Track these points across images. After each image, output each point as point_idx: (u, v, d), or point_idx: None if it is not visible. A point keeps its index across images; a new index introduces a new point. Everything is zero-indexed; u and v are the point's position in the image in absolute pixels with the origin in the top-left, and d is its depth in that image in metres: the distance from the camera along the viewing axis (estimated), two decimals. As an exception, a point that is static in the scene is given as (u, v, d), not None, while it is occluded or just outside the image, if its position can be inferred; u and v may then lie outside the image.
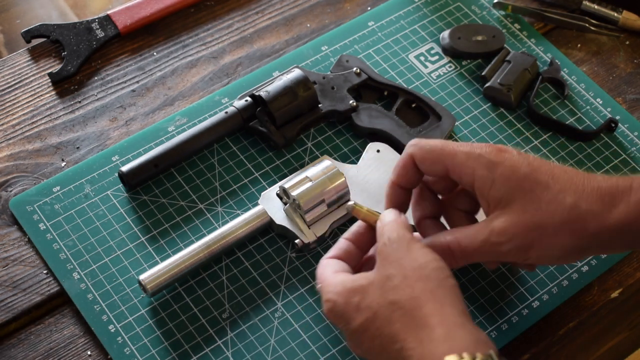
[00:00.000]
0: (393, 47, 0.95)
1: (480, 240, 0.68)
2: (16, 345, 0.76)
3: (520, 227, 0.67)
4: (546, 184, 0.67)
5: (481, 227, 0.68)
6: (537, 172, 0.68)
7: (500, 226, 0.67)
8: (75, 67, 0.92)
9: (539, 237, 0.67)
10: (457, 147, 0.70)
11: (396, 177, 0.72)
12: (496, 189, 0.68)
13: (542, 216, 0.67)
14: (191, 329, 0.76)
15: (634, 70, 0.95)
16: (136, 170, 0.83)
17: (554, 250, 0.68)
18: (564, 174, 0.68)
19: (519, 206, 0.67)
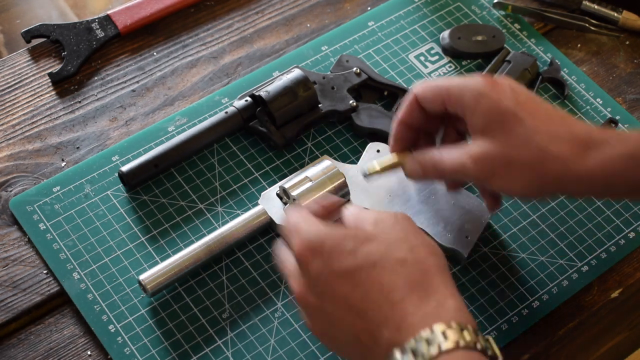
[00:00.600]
0: (393, 47, 0.95)
1: (458, 162, 0.72)
2: (16, 345, 0.76)
3: (490, 157, 0.70)
4: (523, 122, 0.70)
5: (460, 150, 0.72)
6: (519, 107, 0.71)
7: (474, 152, 0.71)
8: (75, 67, 0.92)
9: (504, 169, 0.70)
10: (453, 80, 0.74)
11: (402, 114, 0.76)
12: (478, 118, 0.72)
13: (512, 151, 0.70)
14: (191, 329, 0.76)
15: (634, 70, 0.95)
16: (136, 170, 0.83)
17: (514, 184, 0.71)
18: (544, 114, 0.71)
19: (494, 137, 0.71)
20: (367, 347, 0.63)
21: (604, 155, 0.69)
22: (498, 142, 0.70)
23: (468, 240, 0.79)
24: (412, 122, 0.76)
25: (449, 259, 0.80)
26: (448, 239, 0.79)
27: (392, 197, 0.81)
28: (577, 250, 0.82)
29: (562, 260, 0.81)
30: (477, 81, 0.72)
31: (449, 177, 0.76)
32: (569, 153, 0.69)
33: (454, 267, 0.80)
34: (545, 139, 0.69)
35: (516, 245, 0.82)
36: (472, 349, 0.60)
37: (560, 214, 0.84)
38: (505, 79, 0.73)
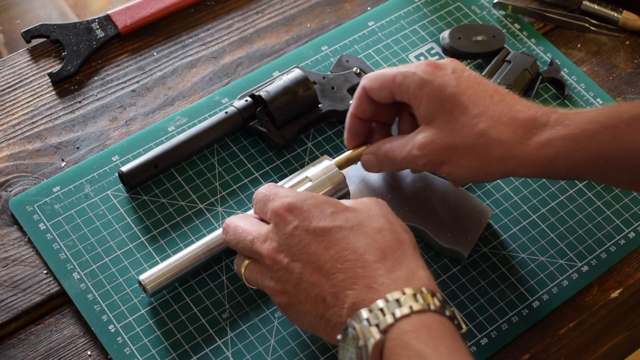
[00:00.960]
0: (393, 47, 0.95)
1: (406, 152, 0.74)
2: (16, 345, 0.76)
3: (435, 145, 0.72)
4: (465, 107, 0.72)
5: (409, 140, 0.74)
6: (461, 94, 0.72)
7: (420, 141, 0.73)
8: (75, 67, 0.92)
9: (449, 156, 0.72)
10: (398, 69, 0.75)
11: (353, 108, 0.78)
12: (422, 107, 0.73)
13: (454, 137, 0.72)
14: (191, 329, 0.76)
15: (634, 70, 0.95)
16: (136, 170, 0.83)
17: (461, 170, 0.72)
18: (487, 100, 0.72)
19: (438, 125, 0.72)
20: (329, 308, 0.64)
21: (545, 137, 0.70)
22: (441, 129, 0.72)
23: (468, 240, 0.79)
24: (364, 115, 0.78)
25: (449, 259, 0.80)
26: (448, 239, 0.79)
27: (391, 197, 0.81)
28: (577, 250, 0.82)
29: (562, 260, 0.81)
30: (420, 68, 0.74)
31: (401, 167, 0.77)
32: (510, 137, 0.70)
33: (454, 267, 0.80)
34: (485, 123, 0.71)
35: (516, 245, 0.82)
36: (441, 314, 0.61)
37: (560, 214, 0.84)
38: (449, 61, 0.75)
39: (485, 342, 0.76)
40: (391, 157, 0.76)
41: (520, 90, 0.91)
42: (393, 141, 0.76)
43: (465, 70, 0.74)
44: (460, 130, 0.71)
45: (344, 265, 0.64)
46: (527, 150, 0.70)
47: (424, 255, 0.81)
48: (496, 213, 0.83)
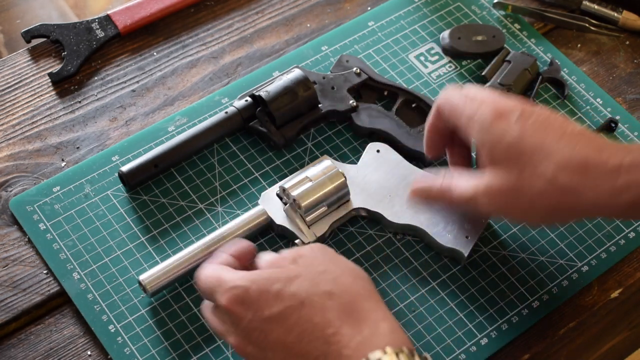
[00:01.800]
0: (393, 47, 0.95)
1: (469, 195, 0.72)
2: (16, 345, 0.76)
3: (501, 191, 0.70)
4: (530, 154, 0.69)
5: (472, 183, 0.72)
6: (526, 141, 0.70)
7: (485, 187, 0.71)
8: (75, 67, 0.92)
9: (517, 203, 0.70)
10: (464, 107, 0.73)
11: (429, 120, 0.78)
12: (486, 152, 0.71)
13: (522, 184, 0.69)
14: (191, 329, 0.76)
15: (634, 70, 0.95)
16: (136, 170, 0.83)
17: (528, 216, 0.71)
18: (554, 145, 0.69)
19: (503, 172, 0.70)
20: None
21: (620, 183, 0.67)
22: (507, 177, 0.70)
23: (468, 240, 0.79)
24: (440, 129, 0.77)
25: (449, 259, 0.80)
26: (448, 239, 0.79)
27: (392, 197, 0.81)
28: (577, 250, 0.82)
29: (562, 260, 0.81)
30: (482, 115, 0.71)
31: (460, 209, 0.76)
32: (580, 184, 0.68)
33: (454, 267, 0.80)
34: (553, 170, 0.68)
35: (516, 245, 0.82)
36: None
37: (560, 214, 0.84)
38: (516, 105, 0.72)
39: (485, 342, 0.76)
40: (448, 196, 0.74)
41: (520, 90, 0.91)
42: (453, 179, 0.74)
43: (533, 114, 0.71)
44: (527, 177, 0.69)
45: (310, 343, 0.62)
46: (603, 196, 0.67)
47: (424, 255, 0.81)
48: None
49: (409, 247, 0.81)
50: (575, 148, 0.69)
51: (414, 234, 0.81)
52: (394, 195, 0.81)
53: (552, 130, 0.70)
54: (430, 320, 0.77)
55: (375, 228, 0.82)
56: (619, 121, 0.91)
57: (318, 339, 0.62)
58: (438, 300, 0.78)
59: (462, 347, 0.76)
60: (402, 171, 0.83)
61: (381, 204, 0.81)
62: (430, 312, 0.78)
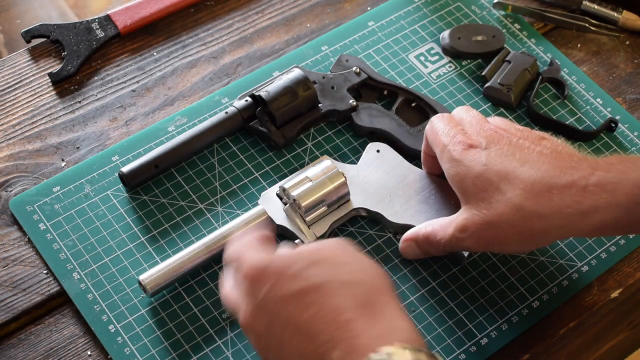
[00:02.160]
0: (393, 47, 0.95)
1: (449, 235, 0.72)
2: (16, 345, 0.76)
3: (476, 225, 0.70)
4: (497, 184, 0.70)
5: (450, 222, 0.73)
6: (490, 171, 0.70)
7: (461, 223, 0.71)
8: (75, 67, 0.92)
9: (493, 235, 0.70)
10: (442, 136, 0.74)
11: (422, 145, 0.80)
12: (456, 186, 0.73)
13: (493, 215, 0.70)
14: (191, 329, 0.76)
15: (634, 70, 0.95)
16: (136, 170, 0.83)
17: (509, 246, 0.72)
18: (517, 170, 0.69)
19: (474, 204, 0.71)
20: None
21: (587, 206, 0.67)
22: (478, 209, 0.70)
23: (468, 240, 0.79)
24: (431, 152, 0.78)
25: (449, 259, 0.80)
26: (448, 239, 0.79)
27: (391, 197, 0.81)
28: (577, 250, 0.82)
29: (562, 260, 0.81)
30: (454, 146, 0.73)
31: (446, 250, 0.76)
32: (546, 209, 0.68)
33: (454, 267, 0.80)
34: (519, 197, 0.68)
35: (516, 245, 0.82)
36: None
37: (560, 214, 0.84)
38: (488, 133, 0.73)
39: (485, 342, 0.76)
40: (433, 241, 0.74)
41: (520, 90, 0.91)
42: (432, 223, 0.75)
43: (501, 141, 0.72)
44: (496, 207, 0.69)
45: (322, 326, 0.61)
46: (571, 220, 0.68)
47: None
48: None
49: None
50: (540, 171, 0.69)
51: (414, 234, 0.82)
52: (394, 195, 0.81)
53: (518, 155, 0.70)
54: (430, 320, 0.77)
55: (375, 228, 0.82)
56: (619, 121, 0.91)
57: (330, 323, 0.61)
58: (438, 300, 0.78)
59: (462, 347, 0.76)
60: (402, 171, 0.83)
61: (381, 204, 0.81)
62: (430, 312, 0.78)
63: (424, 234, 0.76)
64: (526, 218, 0.68)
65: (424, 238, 0.76)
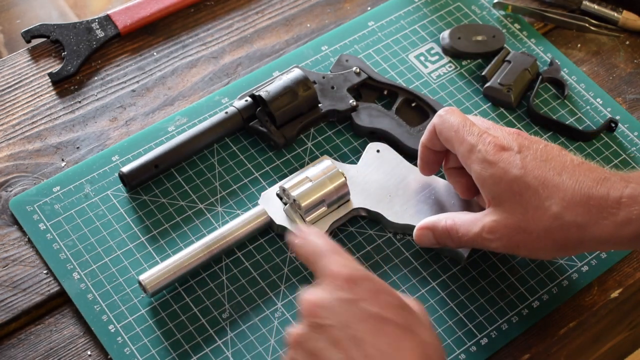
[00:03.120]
0: (393, 47, 0.95)
1: (474, 233, 0.72)
2: (16, 345, 0.76)
3: (507, 229, 0.70)
4: (535, 189, 0.69)
5: (476, 220, 0.72)
6: (529, 176, 0.70)
7: (489, 225, 0.71)
8: (75, 67, 0.92)
9: (524, 240, 0.70)
10: (466, 134, 0.73)
11: (424, 139, 0.78)
12: (488, 188, 0.71)
13: (528, 221, 0.69)
14: (191, 329, 0.76)
15: (634, 70, 0.95)
16: (136, 170, 0.83)
17: (539, 252, 0.71)
18: (556, 179, 0.69)
19: (508, 208, 0.70)
20: None
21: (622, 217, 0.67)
22: (512, 212, 0.70)
23: (468, 240, 0.79)
24: (435, 147, 0.77)
25: (449, 259, 0.80)
26: (448, 239, 0.79)
27: (392, 197, 0.81)
28: (577, 250, 0.82)
29: (562, 260, 0.81)
30: (485, 147, 0.71)
31: (466, 246, 0.76)
32: (585, 218, 0.68)
33: (454, 267, 0.80)
34: (558, 206, 0.69)
35: (516, 245, 0.82)
36: None
37: (560, 214, 0.84)
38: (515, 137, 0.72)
39: (485, 342, 0.76)
40: (454, 236, 0.74)
41: (520, 90, 0.91)
42: (455, 218, 0.74)
43: (532, 147, 0.72)
44: (532, 213, 0.69)
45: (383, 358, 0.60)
46: (607, 230, 0.68)
47: (424, 255, 0.81)
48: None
49: (409, 247, 0.81)
50: (578, 181, 0.69)
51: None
52: (394, 195, 0.81)
53: (553, 163, 0.70)
54: (430, 320, 0.77)
55: (375, 228, 0.82)
56: (619, 121, 0.91)
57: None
58: (438, 300, 0.78)
59: (462, 347, 0.76)
60: (402, 171, 0.83)
61: (381, 204, 0.81)
62: (430, 312, 0.78)
63: (444, 227, 0.75)
64: (564, 227, 0.69)
65: (443, 230, 0.75)
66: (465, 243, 0.74)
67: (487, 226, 0.71)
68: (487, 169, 0.71)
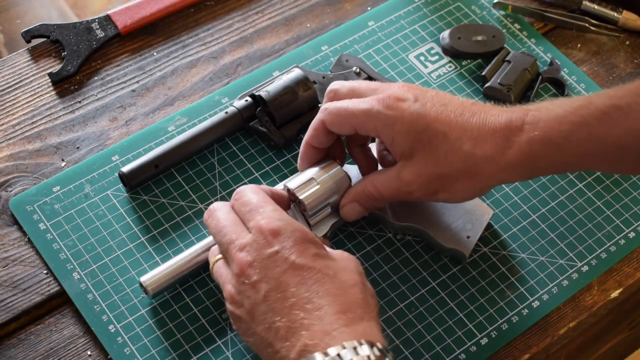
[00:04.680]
0: (393, 47, 0.95)
1: (394, 188, 0.74)
2: (16, 345, 0.76)
3: (424, 177, 0.72)
4: (443, 134, 0.71)
5: (393, 176, 0.74)
6: (435, 122, 0.72)
7: (407, 177, 0.73)
8: (75, 67, 0.92)
9: (442, 184, 0.72)
10: (357, 106, 0.74)
11: (309, 138, 0.77)
12: (398, 144, 0.73)
13: (442, 166, 0.72)
14: (191, 329, 0.76)
15: (634, 70, 0.95)
16: (136, 170, 0.83)
17: (457, 193, 0.73)
18: (459, 119, 0.72)
19: (421, 158, 0.72)
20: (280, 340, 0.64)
21: (523, 141, 0.70)
22: (426, 162, 0.72)
23: (469, 240, 0.79)
24: (320, 145, 0.77)
25: (449, 259, 0.80)
26: (449, 239, 0.79)
27: (392, 197, 0.81)
28: (577, 250, 0.82)
29: (562, 260, 0.81)
30: (382, 104, 0.72)
31: (390, 202, 0.78)
32: (493, 150, 0.71)
33: (454, 267, 0.80)
34: (469, 144, 0.71)
35: (516, 245, 0.82)
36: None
37: (560, 214, 0.84)
38: (406, 88, 0.74)
39: (485, 342, 0.76)
40: (377, 197, 0.76)
41: (520, 90, 0.91)
42: (373, 181, 0.76)
43: (427, 95, 0.73)
44: (445, 158, 0.71)
45: (309, 305, 0.64)
46: (512, 158, 0.70)
47: (424, 255, 0.81)
48: (496, 213, 0.83)
49: (409, 247, 0.81)
50: (480, 118, 0.72)
51: (415, 234, 0.81)
52: (394, 195, 0.81)
53: (453, 107, 0.72)
54: (430, 320, 0.77)
55: (375, 228, 0.82)
56: (619, 121, 0.90)
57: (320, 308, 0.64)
58: (438, 300, 0.78)
59: (462, 347, 0.76)
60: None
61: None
62: (430, 312, 0.78)
63: (368, 193, 0.76)
64: (477, 164, 0.71)
65: (368, 196, 0.76)
66: (388, 199, 0.76)
67: (405, 179, 0.73)
68: (392, 125, 0.72)
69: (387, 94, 0.73)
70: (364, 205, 0.77)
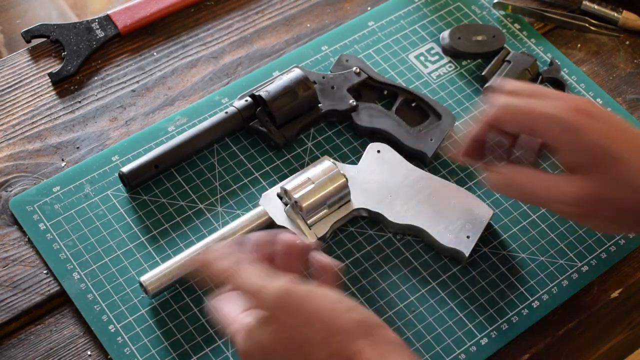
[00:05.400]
0: (393, 47, 0.95)
1: (553, 197, 0.70)
2: (16, 345, 0.76)
3: (587, 197, 0.69)
4: (619, 159, 0.68)
5: (555, 183, 0.71)
6: (614, 145, 0.68)
7: (574, 191, 0.69)
8: (75, 67, 0.92)
9: (602, 210, 0.69)
10: (541, 108, 0.71)
11: (476, 132, 0.75)
12: (576, 156, 0.70)
13: (609, 191, 0.68)
14: (191, 329, 0.76)
15: (634, 70, 0.95)
16: (136, 170, 0.83)
17: (613, 224, 0.71)
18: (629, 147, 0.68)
19: (591, 176, 0.69)
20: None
21: None
22: (594, 182, 0.69)
23: (469, 240, 0.79)
24: (485, 140, 0.76)
25: (449, 259, 0.80)
26: (449, 239, 0.79)
27: (392, 197, 0.81)
28: (577, 250, 0.82)
29: (562, 260, 0.81)
30: (565, 113, 0.70)
31: (538, 205, 0.77)
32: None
33: (454, 267, 0.80)
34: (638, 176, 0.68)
35: (516, 245, 0.82)
36: None
37: (560, 214, 0.84)
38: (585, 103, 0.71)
39: (485, 342, 0.76)
40: (530, 193, 0.72)
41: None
42: (534, 176, 0.73)
43: (613, 117, 0.71)
44: (615, 184, 0.68)
45: None
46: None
47: (424, 255, 0.81)
48: (496, 213, 0.83)
49: (409, 247, 0.81)
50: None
51: (415, 234, 0.81)
52: (395, 196, 0.81)
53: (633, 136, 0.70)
54: (430, 320, 0.77)
55: (375, 228, 0.82)
56: (619, 121, 0.90)
57: None
58: (438, 300, 0.78)
59: (462, 347, 0.76)
60: (403, 171, 0.83)
61: (382, 204, 0.81)
62: (430, 312, 0.78)
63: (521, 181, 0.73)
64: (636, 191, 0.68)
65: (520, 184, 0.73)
66: (538, 203, 0.74)
67: (572, 192, 0.69)
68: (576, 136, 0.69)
69: (574, 104, 0.71)
70: (511, 188, 0.74)
